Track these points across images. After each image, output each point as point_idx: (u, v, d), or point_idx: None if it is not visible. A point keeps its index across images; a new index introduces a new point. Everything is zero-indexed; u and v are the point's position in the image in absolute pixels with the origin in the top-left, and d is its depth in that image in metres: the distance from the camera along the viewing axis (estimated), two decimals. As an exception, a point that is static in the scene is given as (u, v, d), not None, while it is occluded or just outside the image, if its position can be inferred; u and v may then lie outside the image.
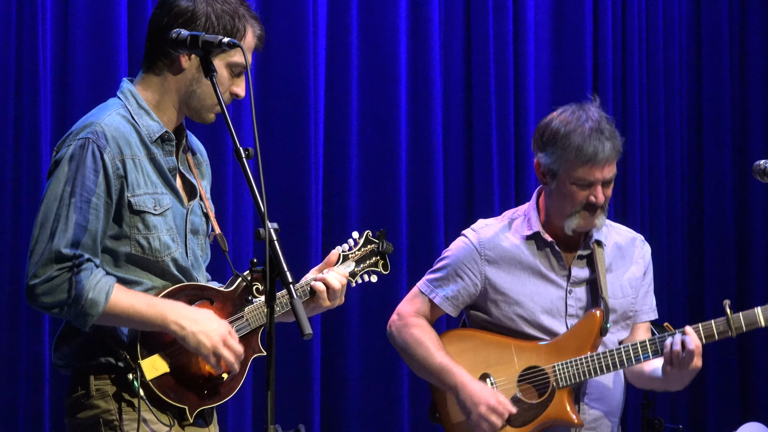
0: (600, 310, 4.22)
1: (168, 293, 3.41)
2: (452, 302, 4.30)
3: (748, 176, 6.55)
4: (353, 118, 5.90)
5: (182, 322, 3.34)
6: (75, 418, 3.43)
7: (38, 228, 3.33)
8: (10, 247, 5.13)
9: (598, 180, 4.16)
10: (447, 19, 6.15)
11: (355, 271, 3.74)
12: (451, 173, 6.14)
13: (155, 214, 3.40)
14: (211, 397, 3.46)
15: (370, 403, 5.85)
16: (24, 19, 5.15)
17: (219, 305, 3.47)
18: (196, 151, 3.64)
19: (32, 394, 5.11)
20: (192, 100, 3.46)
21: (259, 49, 3.53)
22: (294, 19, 5.72)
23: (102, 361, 3.39)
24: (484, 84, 6.18)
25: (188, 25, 3.38)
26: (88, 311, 3.29)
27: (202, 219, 3.55)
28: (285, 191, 5.67)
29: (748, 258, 6.74)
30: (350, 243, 3.78)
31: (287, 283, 3.03)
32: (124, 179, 3.36)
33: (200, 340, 3.35)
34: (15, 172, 5.14)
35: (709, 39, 6.78)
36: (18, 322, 5.11)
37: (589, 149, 4.12)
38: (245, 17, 3.45)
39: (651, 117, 6.64)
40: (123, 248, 3.38)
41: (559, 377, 4.18)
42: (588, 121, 4.17)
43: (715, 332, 4.14)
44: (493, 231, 4.32)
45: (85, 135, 3.36)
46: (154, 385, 3.37)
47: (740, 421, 5.93)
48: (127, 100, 3.45)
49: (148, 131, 3.42)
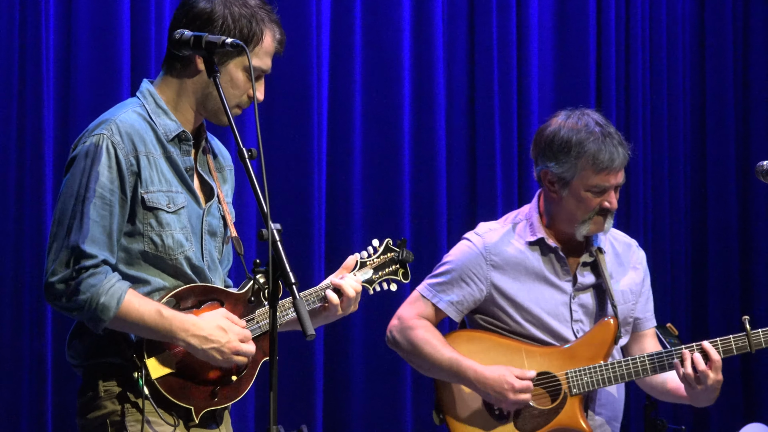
0: (614, 319, 4.21)
1: (177, 294, 3.40)
2: (457, 307, 4.29)
3: (751, 177, 6.54)
4: (356, 118, 5.90)
5: (191, 341, 3.34)
6: (84, 419, 3.43)
7: (56, 225, 3.35)
8: (12, 247, 5.13)
9: (612, 185, 4.18)
10: (450, 20, 6.15)
11: (372, 278, 3.72)
12: (454, 174, 6.14)
13: (169, 211, 3.40)
14: (219, 398, 3.45)
15: (373, 404, 5.85)
16: (27, 19, 5.15)
17: (229, 307, 3.45)
18: (218, 155, 3.64)
19: (35, 394, 5.11)
20: (208, 103, 3.47)
21: (280, 53, 3.52)
22: (297, 19, 5.71)
23: (110, 361, 3.39)
24: (487, 84, 6.18)
25: (205, 27, 3.38)
26: (99, 316, 3.30)
27: (219, 221, 3.54)
28: (288, 192, 5.67)
29: (751, 258, 6.74)
30: (369, 250, 3.74)
31: (290, 284, 3.03)
32: (138, 176, 3.37)
33: (212, 356, 3.36)
34: (18, 173, 5.14)
35: (712, 39, 6.77)
36: (21, 321, 5.11)
37: (605, 156, 4.13)
38: (264, 21, 3.45)
39: (654, 118, 6.64)
40: (137, 245, 3.39)
41: (572, 384, 4.17)
42: (596, 126, 4.16)
43: (734, 348, 4.12)
44: (497, 236, 4.31)
45: (99, 131, 3.37)
46: (159, 383, 3.36)
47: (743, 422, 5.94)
48: (145, 99, 3.47)
49: (165, 130, 3.43)
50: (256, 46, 3.44)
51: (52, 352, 5.12)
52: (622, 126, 6.49)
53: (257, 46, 3.44)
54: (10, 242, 5.13)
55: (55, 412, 5.15)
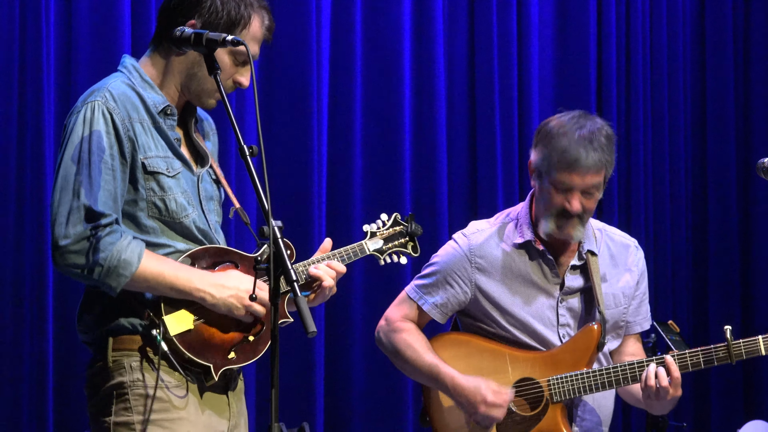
0: (598, 324, 4.15)
1: (192, 254, 3.41)
2: (441, 310, 4.25)
3: (752, 174, 6.55)
4: (357, 115, 5.90)
5: (211, 290, 3.35)
6: (92, 389, 3.44)
7: (58, 192, 3.33)
8: (13, 244, 5.13)
9: (576, 186, 4.08)
10: (451, 17, 6.15)
11: (383, 249, 3.77)
12: (454, 170, 6.14)
13: (168, 176, 3.41)
14: (237, 357, 3.44)
15: (374, 401, 5.85)
16: (27, 15, 5.16)
17: (243, 269, 3.47)
18: (204, 120, 3.66)
19: (36, 393, 5.11)
20: (192, 83, 3.47)
21: (268, 40, 3.52)
22: (297, 16, 5.72)
23: (122, 324, 3.38)
24: (487, 81, 6.18)
25: (193, 8, 3.39)
26: (121, 272, 3.29)
27: (213, 185, 3.57)
28: (289, 189, 5.67)
29: (752, 255, 6.74)
30: (378, 223, 3.79)
31: (291, 281, 3.03)
32: (135, 141, 3.38)
33: (231, 303, 3.37)
34: (18, 170, 5.15)
35: (712, 36, 6.77)
36: (22, 320, 5.11)
37: (571, 154, 4.06)
38: (252, 5, 3.45)
39: (655, 115, 6.64)
40: (141, 212, 3.39)
41: (553, 392, 4.14)
42: (583, 129, 4.10)
43: (715, 359, 4.09)
44: (483, 237, 4.25)
45: (93, 98, 3.38)
46: (178, 340, 3.36)
47: (744, 419, 5.94)
48: (130, 73, 3.47)
49: (153, 102, 3.44)
50: (243, 30, 3.43)
51: (53, 350, 5.12)
52: (622, 123, 6.49)
53: (244, 29, 3.43)
54: (11, 239, 5.13)
55: (56, 410, 5.15)
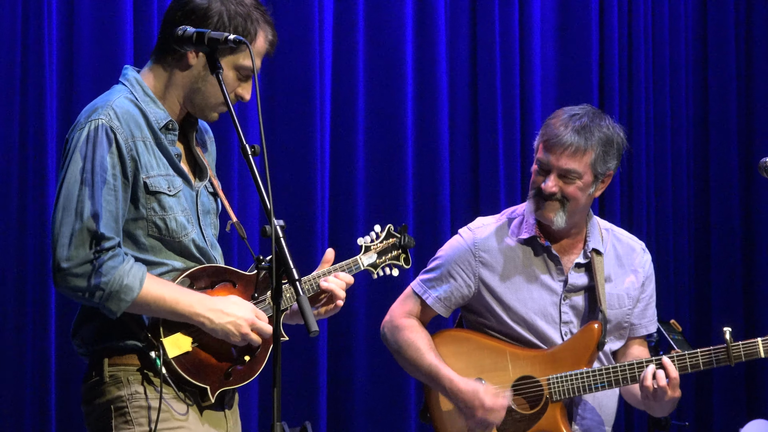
0: (599, 323, 4.15)
1: (191, 274, 3.42)
2: (444, 303, 4.26)
3: (755, 173, 6.55)
4: (359, 114, 5.90)
5: (210, 315, 3.36)
6: (89, 405, 3.44)
7: (60, 212, 3.33)
8: (15, 243, 5.13)
9: (549, 164, 4.10)
10: (453, 16, 6.15)
11: (377, 262, 3.77)
12: (457, 169, 6.14)
13: (170, 194, 3.42)
14: (233, 378, 3.46)
15: (377, 400, 5.85)
16: (30, 14, 5.15)
17: (241, 288, 3.49)
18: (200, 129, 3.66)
19: (38, 392, 5.11)
20: (196, 97, 3.47)
21: (270, 54, 3.53)
22: (300, 16, 5.72)
23: (119, 344, 3.39)
24: (490, 80, 6.18)
25: (200, 23, 3.39)
26: (123, 297, 3.31)
27: (210, 198, 3.57)
28: (291, 188, 5.67)
29: (755, 254, 6.74)
30: (372, 235, 3.79)
31: (293, 281, 3.04)
32: (138, 161, 3.38)
33: (229, 330, 3.38)
34: (21, 169, 5.15)
35: (714, 35, 6.77)
36: (24, 319, 5.11)
37: (552, 131, 4.10)
38: (258, 21, 3.46)
39: (657, 114, 6.64)
40: (140, 230, 3.40)
41: (553, 390, 4.13)
42: (576, 115, 4.13)
43: (714, 361, 4.08)
44: (488, 231, 4.26)
45: (97, 117, 3.37)
46: (176, 363, 3.38)
47: (746, 419, 5.94)
48: (133, 87, 3.47)
49: (156, 117, 3.44)
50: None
51: (55, 348, 5.12)
52: (625, 122, 6.49)
53: (250, 45, 3.45)
54: (13, 238, 5.13)
55: (58, 410, 5.15)
